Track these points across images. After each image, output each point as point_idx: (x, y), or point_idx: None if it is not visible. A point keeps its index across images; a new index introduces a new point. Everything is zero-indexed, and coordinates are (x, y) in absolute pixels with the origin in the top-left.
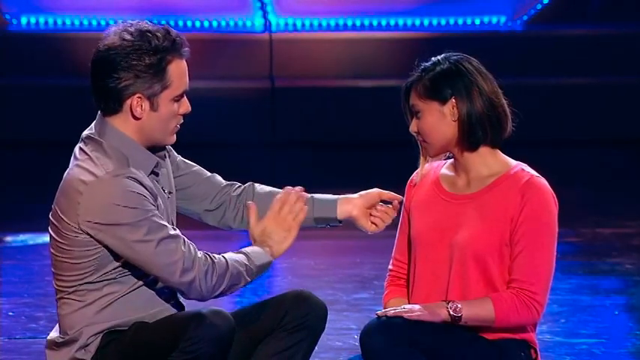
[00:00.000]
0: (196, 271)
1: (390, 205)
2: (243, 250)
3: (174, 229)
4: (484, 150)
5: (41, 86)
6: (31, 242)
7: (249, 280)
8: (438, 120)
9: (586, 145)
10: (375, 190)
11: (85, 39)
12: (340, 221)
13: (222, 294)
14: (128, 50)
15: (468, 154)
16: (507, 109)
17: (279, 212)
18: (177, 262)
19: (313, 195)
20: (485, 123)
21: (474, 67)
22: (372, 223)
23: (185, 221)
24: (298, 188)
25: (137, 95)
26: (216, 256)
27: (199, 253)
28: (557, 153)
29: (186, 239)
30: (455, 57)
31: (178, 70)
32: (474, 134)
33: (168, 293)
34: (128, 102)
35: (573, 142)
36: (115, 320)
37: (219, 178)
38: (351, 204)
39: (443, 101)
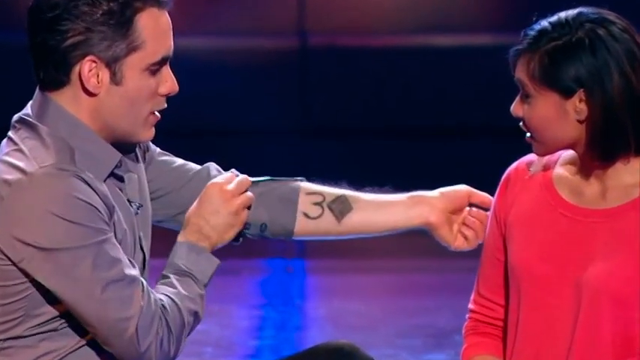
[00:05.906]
0: (153, 336)
1: (487, 213)
2: (185, 269)
3: (133, 267)
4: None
5: None
6: None
7: (201, 313)
8: (555, 116)
9: None
10: (463, 187)
11: None
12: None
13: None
14: None
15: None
16: None
17: (224, 185)
18: (130, 320)
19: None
20: (628, 127)
21: (620, 37)
22: (462, 234)
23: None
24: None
25: (89, 58)
26: (168, 306)
27: (159, 308)
28: None
29: (144, 283)
30: (592, 17)
31: (154, 25)
32: (610, 143)
33: None
34: (77, 69)
35: None
36: None
37: (213, 172)
38: (427, 205)
39: (566, 93)
